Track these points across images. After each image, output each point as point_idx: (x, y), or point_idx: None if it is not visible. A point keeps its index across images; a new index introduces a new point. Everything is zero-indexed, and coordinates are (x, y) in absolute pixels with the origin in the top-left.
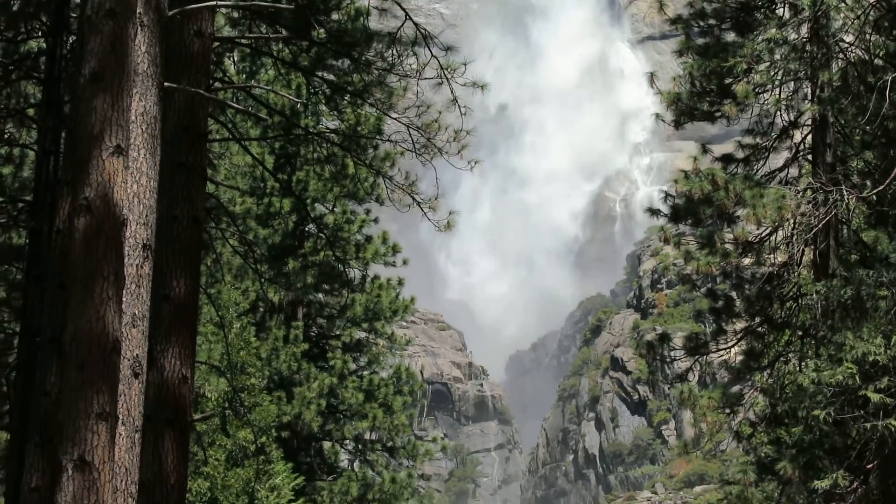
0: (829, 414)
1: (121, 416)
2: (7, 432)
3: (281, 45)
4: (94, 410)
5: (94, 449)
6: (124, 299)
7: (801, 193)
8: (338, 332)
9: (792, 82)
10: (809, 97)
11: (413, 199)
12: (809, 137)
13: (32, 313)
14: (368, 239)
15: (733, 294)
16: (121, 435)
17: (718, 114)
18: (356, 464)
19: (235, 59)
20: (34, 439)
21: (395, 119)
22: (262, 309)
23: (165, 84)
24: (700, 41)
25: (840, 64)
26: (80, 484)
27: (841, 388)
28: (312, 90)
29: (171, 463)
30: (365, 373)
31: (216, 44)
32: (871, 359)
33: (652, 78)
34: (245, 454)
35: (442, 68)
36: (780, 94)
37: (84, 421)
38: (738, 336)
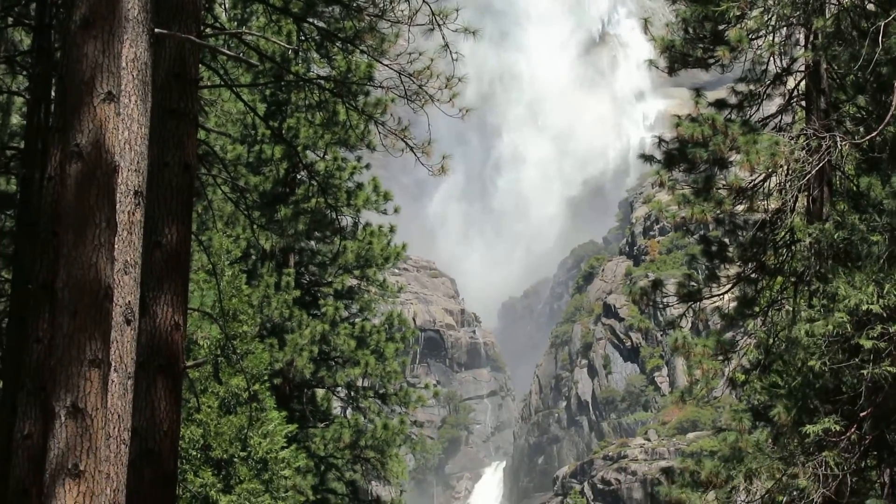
0: (823, 363)
1: (113, 363)
2: None
3: None
4: (87, 357)
5: (87, 396)
6: (116, 246)
7: (794, 140)
8: (329, 280)
9: (785, 28)
10: (803, 43)
11: (406, 143)
12: (803, 84)
13: (24, 260)
14: (360, 186)
15: (726, 240)
16: (113, 382)
17: (712, 60)
18: (348, 411)
19: (226, 5)
20: (26, 386)
21: (386, 66)
22: (253, 256)
23: (156, 30)
24: None
25: (833, 10)
26: (72, 430)
27: (834, 337)
28: (304, 37)
29: (164, 410)
30: (357, 320)
31: None
32: (864, 308)
33: (646, 24)
34: (238, 401)
35: (433, 14)
36: (773, 40)
37: (76, 368)
38: (732, 282)
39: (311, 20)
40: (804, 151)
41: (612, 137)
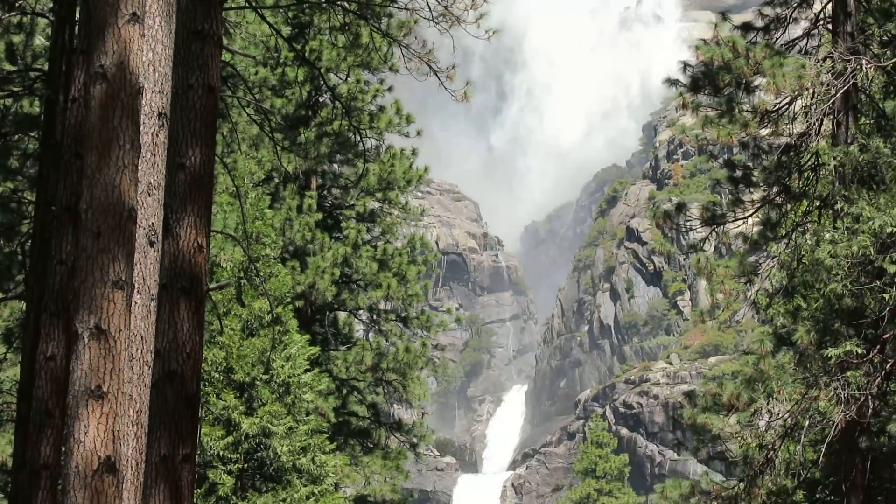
0: (845, 286)
1: (136, 285)
2: (23, 301)
3: None
4: (110, 279)
5: (110, 317)
6: (140, 168)
7: (820, 63)
8: (352, 202)
9: None
10: None
11: (430, 67)
12: (829, 7)
13: (48, 182)
14: (382, 109)
15: (751, 164)
16: (136, 303)
17: None
18: (370, 334)
19: None
20: (50, 308)
21: None
22: (276, 179)
23: None
24: None
25: None
26: (95, 352)
27: (857, 259)
28: None
29: (187, 332)
30: (379, 243)
31: None
32: (888, 230)
33: None
34: (260, 324)
35: None
36: None
37: (100, 289)
38: (756, 206)
39: None
40: (830, 74)
41: (636, 61)
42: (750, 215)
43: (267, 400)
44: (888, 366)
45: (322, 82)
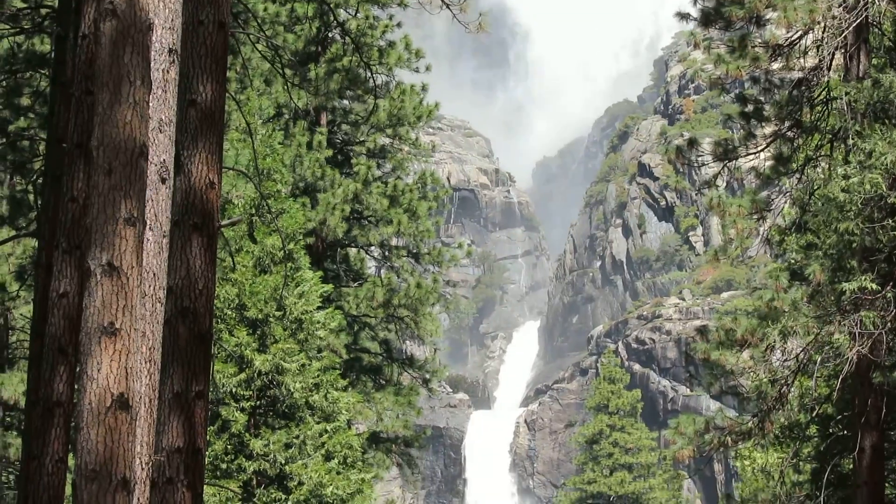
0: (858, 223)
1: (148, 222)
2: (35, 239)
3: None
4: (122, 215)
5: (122, 254)
6: (151, 104)
7: None
8: (362, 138)
9: None
10: None
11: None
12: None
13: (59, 120)
14: (392, 44)
15: (762, 98)
16: (148, 240)
17: None
18: (382, 270)
19: None
20: (62, 246)
21: None
22: (286, 115)
23: None
24: None
25: None
26: (108, 289)
27: (869, 195)
28: None
29: (199, 268)
30: (390, 179)
31: None
32: None
33: None
34: (272, 260)
35: None
36: None
37: (111, 226)
38: (767, 141)
39: None
40: (842, 8)
41: None
42: (762, 150)
43: (279, 337)
44: None
45: (332, 18)
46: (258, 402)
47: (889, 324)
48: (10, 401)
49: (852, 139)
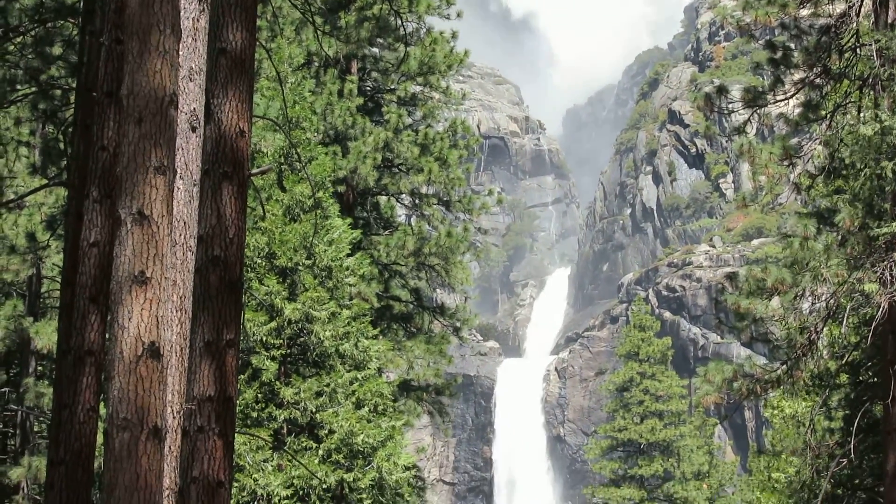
0: (892, 167)
1: (178, 170)
2: (65, 188)
3: None
4: (152, 164)
5: (153, 202)
6: (181, 53)
7: None
8: (392, 87)
9: None
10: None
11: None
12: None
13: (89, 69)
14: None
15: (791, 45)
16: (179, 189)
17: None
18: (412, 218)
19: None
20: (92, 195)
21: None
22: (316, 63)
23: None
24: None
25: None
26: (139, 237)
27: None
28: None
29: (230, 217)
30: (420, 127)
31: None
32: None
33: None
34: (302, 209)
35: None
36: None
37: (142, 175)
38: (796, 87)
39: None
40: None
41: None
42: (790, 97)
43: (309, 285)
44: None
45: None
46: (288, 351)
47: None
48: (44, 350)
49: (883, 84)
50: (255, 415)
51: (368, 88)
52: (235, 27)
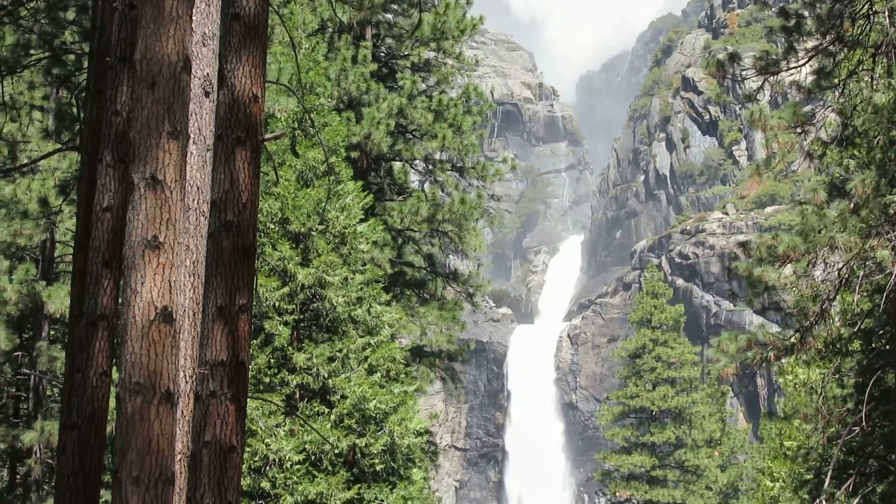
0: None
1: (192, 135)
2: (78, 153)
3: None
4: (165, 129)
5: (166, 167)
6: (194, 18)
7: None
8: (406, 53)
9: None
10: None
11: None
12: None
13: (102, 33)
14: None
15: (805, 12)
16: (192, 154)
17: None
18: (426, 184)
19: None
20: (105, 159)
21: None
22: (330, 29)
23: None
24: None
25: None
26: (151, 202)
27: None
28: None
29: (243, 182)
30: (434, 93)
31: None
32: None
33: None
34: (315, 174)
35: None
36: None
37: (155, 139)
38: (809, 55)
39: None
40: None
41: None
42: (803, 64)
43: (322, 250)
44: None
45: None
46: (301, 316)
47: None
48: (57, 314)
49: (895, 53)
50: (267, 380)
51: (382, 54)
52: None
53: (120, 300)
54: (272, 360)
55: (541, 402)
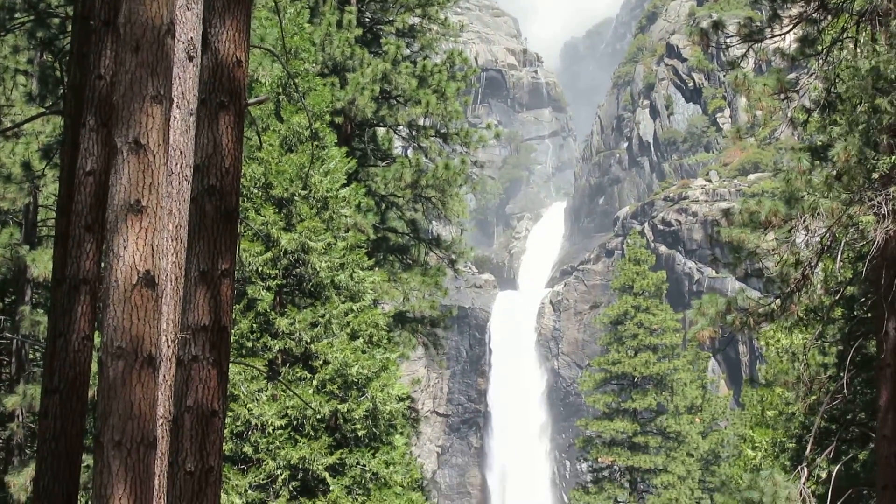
0: (890, 101)
1: (175, 100)
2: (62, 116)
3: None
4: (149, 93)
5: (149, 131)
6: None
7: None
8: (391, 18)
9: None
10: None
11: None
12: None
13: None
14: None
15: None
16: (175, 118)
17: None
18: (409, 150)
19: None
20: (89, 123)
21: None
22: None
23: None
24: None
25: None
26: (134, 166)
27: None
28: None
29: (226, 146)
30: (418, 59)
31: None
32: None
33: None
34: (299, 139)
35: None
36: None
37: (138, 103)
38: (794, 22)
39: None
40: None
41: None
42: (787, 31)
43: (305, 215)
44: None
45: None
46: (284, 281)
47: None
48: (40, 278)
49: (879, 20)
50: (249, 345)
51: (367, 20)
52: None
53: (102, 264)
54: (255, 325)
55: (523, 368)
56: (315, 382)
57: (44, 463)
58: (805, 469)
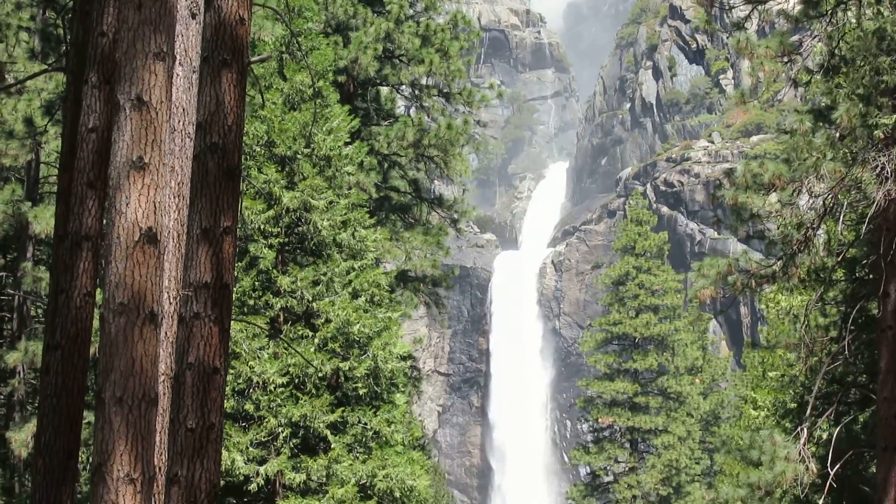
0: (892, 62)
1: (178, 57)
2: (64, 73)
3: None
4: (152, 50)
5: (152, 88)
6: None
7: None
8: None
9: None
10: None
11: None
12: None
13: None
14: None
15: None
16: (178, 76)
17: None
18: (412, 109)
19: None
20: (91, 80)
21: None
22: None
23: None
24: None
25: None
26: (137, 123)
27: None
28: None
29: (229, 104)
30: (422, 18)
31: None
32: None
33: None
34: (302, 98)
35: None
36: None
37: (141, 60)
38: None
39: None
40: None
41: None
42: None
43: (308, 174)
44: None
45: None
46: (286, 239)
47: None
48: (42, 234)
49: None
50: (251, 302)
51: None
52: None
53: (105, 221)
54: (256, 283)
55: (524, 328)
56: (317, 340)
57: (45, 419)
58: (805, 430)
